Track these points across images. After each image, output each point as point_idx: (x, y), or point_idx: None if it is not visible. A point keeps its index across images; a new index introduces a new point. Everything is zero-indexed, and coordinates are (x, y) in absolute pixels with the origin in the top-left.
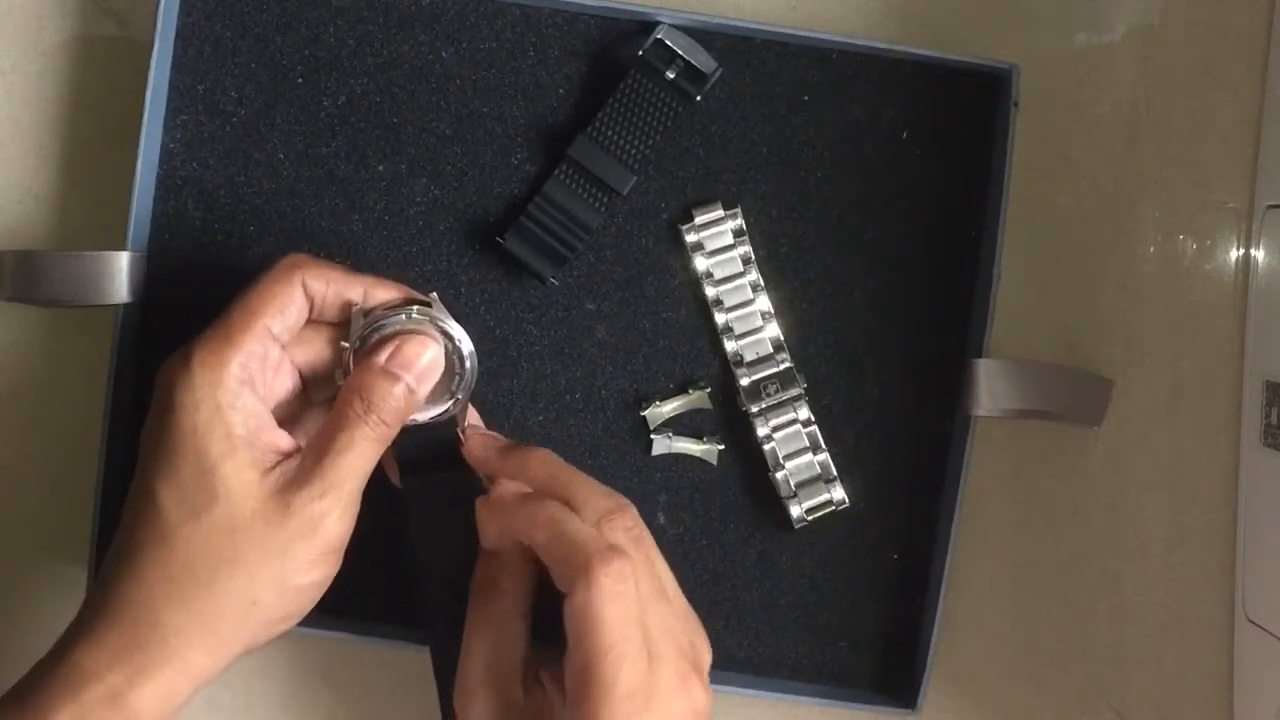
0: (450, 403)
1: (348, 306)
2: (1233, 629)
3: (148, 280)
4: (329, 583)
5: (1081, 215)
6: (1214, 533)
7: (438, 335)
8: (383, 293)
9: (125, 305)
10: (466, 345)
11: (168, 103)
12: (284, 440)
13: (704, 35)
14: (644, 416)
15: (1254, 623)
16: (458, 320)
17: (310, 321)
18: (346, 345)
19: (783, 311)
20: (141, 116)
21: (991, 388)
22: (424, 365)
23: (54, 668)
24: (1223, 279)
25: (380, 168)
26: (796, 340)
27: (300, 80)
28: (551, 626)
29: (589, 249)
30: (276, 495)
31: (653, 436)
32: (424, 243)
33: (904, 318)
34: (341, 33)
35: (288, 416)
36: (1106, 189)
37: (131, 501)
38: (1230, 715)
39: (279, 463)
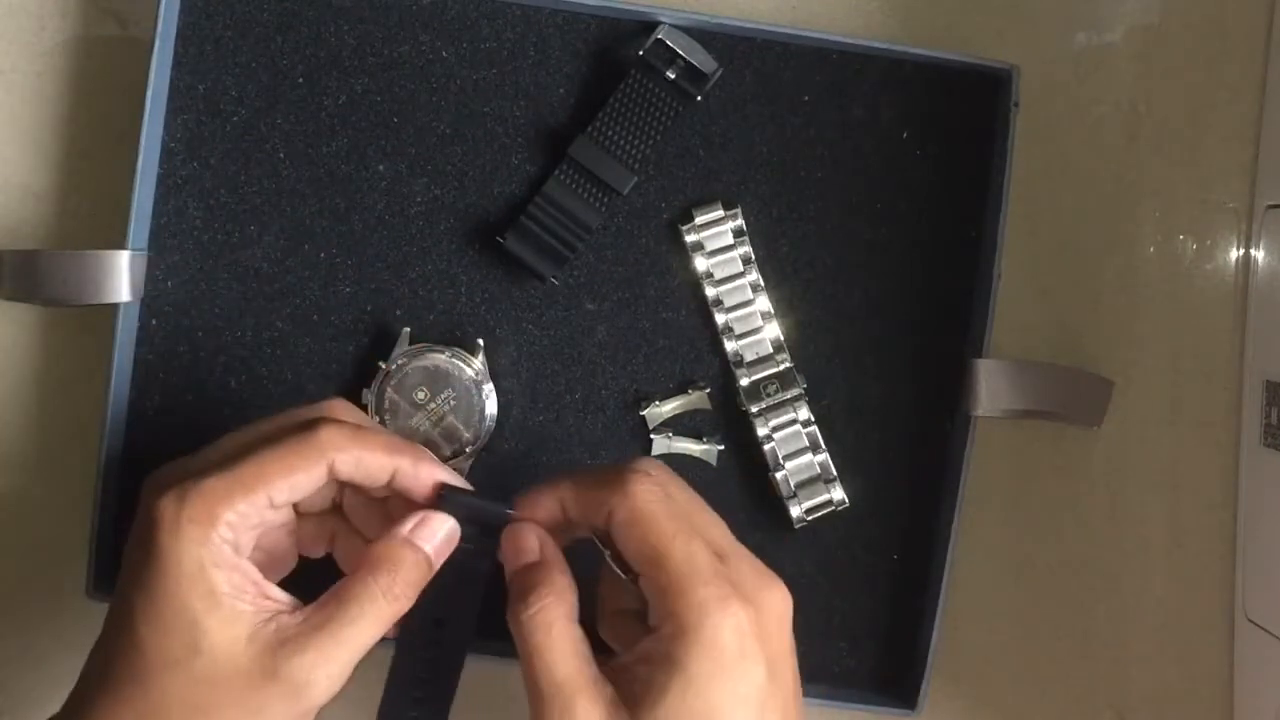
0: None
1: (375, 477)
2: (1233, 629)
3: (148, 279)
4: None
5: (1081, 215)
6: (1214, 533)
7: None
8: (424, 473)
9: (125, 304)
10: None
11: (168, 103)
12: (274, 592)
13: (704, 35)
14: (644, 416)
15: (1254, 623)
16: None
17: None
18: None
19: (783, 311)
20: (141, 116)
21: (991, 388)
22: (442, 539)
23: None
24: (1223, 279)
25: (380, 168)
26: (796, 340)
27: (300, 80)
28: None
29: (589, 249)
30: (265, 654)
31: (652, 436)
32: (424, 243)
33: (904, 318)
34: (341, 33)
35: (279, 542)
36: (1106, 189)
37: (113, 626)
38: (1230, 715)
39: (271, 617)
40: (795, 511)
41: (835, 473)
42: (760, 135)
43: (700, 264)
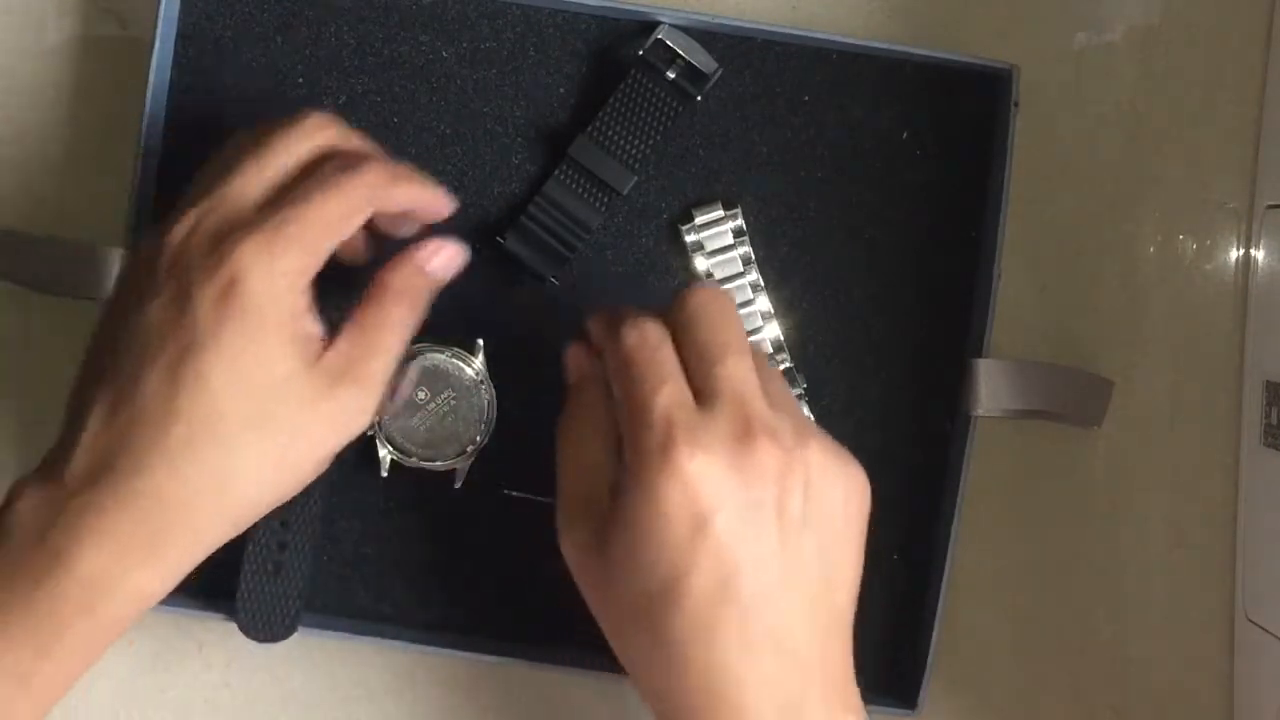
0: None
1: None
2: (1233, 629)
3: None
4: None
5: (1081, 215)
6: (1214, 533)
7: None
8: (443, 202)
9: None
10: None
11: (168, 103)
12: (320, 331)
13: (704, 35)
14: None
15: (1254, 623)
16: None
17: None
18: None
19: (783, 311)
20: (141, 116)
21: (991, 388)
22: (449, 255)
23: (61, 575)
24: (1223, 279)
25: None
26: (796, 340)
27: (300, 80)
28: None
29: (589, 249)
30: (322, 384)
31: None
32: None
33: (904, 318)
34: (341, 33)
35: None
36: (1106, 189)
37: (170, 374)
38: (1230, 715)
39: (321, 353)
40: None
41: None
42: (760, 135)
43: (700, 264)
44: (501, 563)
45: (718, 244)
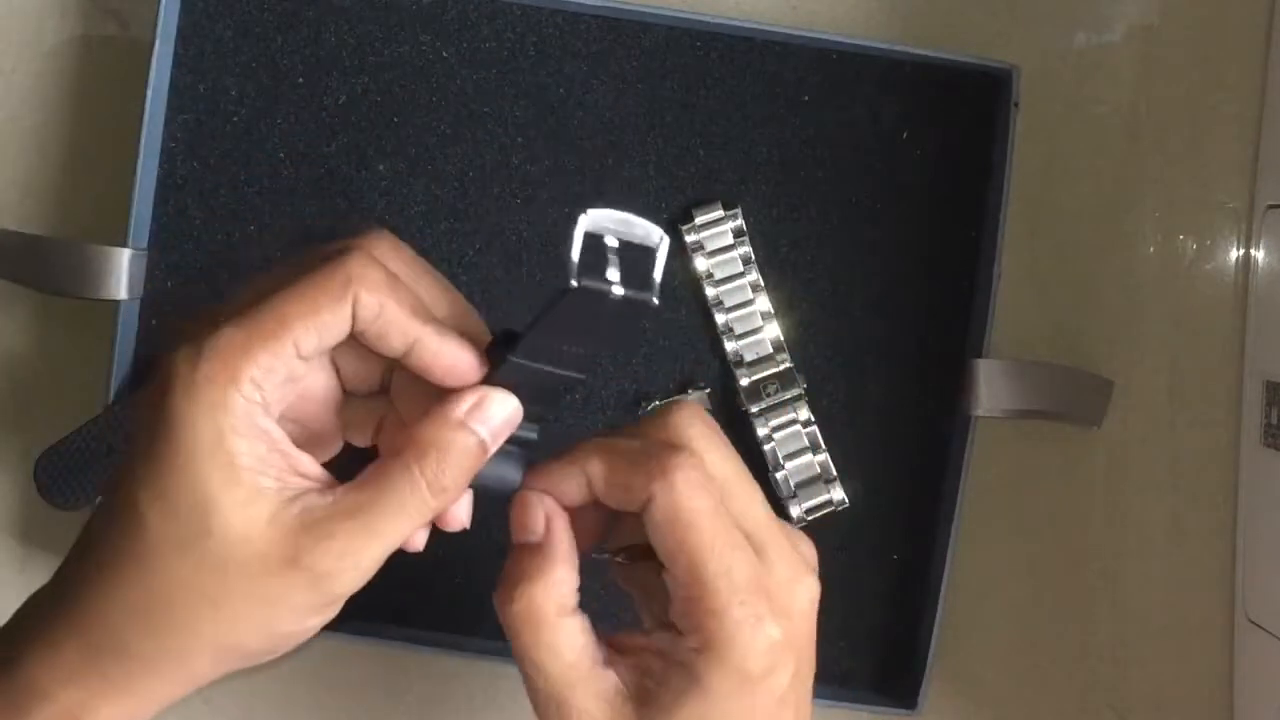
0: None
1: (391, 337)
2: (1233, 629)
3: (148, 279)
4: (320, 627)
5: (1081, 215)
6: (1214, 533)
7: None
8: (447, 353)
9: (125, 303)
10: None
11: (168, 103)
12: (304, 466)
13: (704, 35)
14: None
15: (1254, 623)
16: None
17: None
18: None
19: (783, 311)
20: (142, 116)
21: (991, 388)
22: (501, 424)
23: (3, 674)
24: (1223, 279)
25: (380, 168)
26: (796, 340)
27: (300, 80)
28: None
29: None
30: (286, 538)
31: None
32: (424, 243)
33: (904, 318)
34: (341, 33)
35: (318, 416)
36: (1106, 189)
37: (113, 501)
38: (1230, 715)
39: (297, 496)
40: (795, 511)
41: (835, 473)
42: (760, 135)
43: (700, 264)
44: (501, 563)
45: (718, 244)
